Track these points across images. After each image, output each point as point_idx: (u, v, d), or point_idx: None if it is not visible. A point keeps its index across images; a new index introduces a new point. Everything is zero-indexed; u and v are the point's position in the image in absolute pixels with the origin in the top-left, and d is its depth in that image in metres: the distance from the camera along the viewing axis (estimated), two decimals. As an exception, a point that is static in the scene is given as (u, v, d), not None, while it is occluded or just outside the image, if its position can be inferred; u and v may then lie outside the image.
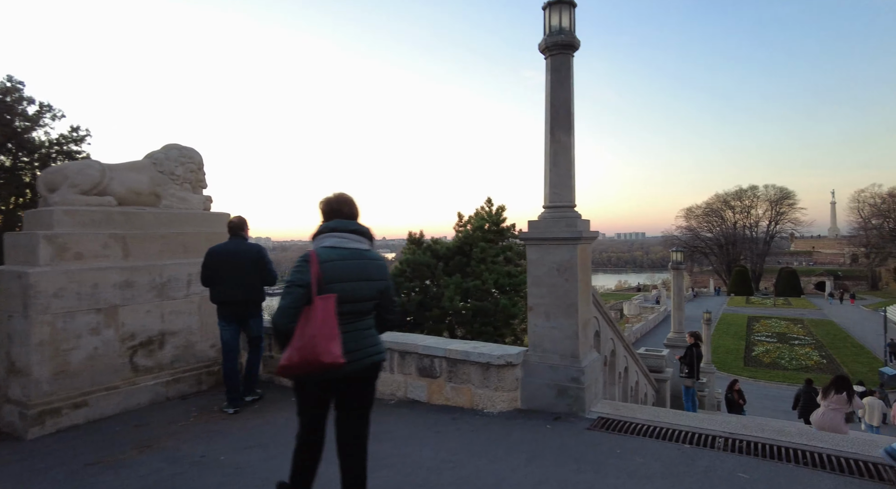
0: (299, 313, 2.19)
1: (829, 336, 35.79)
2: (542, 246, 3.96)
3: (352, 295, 2.32)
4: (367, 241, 2.49)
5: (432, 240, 12.55)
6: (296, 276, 2.28)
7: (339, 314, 2.23)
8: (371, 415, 2.51)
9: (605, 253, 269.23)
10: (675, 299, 9.93)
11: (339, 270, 2.31)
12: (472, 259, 11.62)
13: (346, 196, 2.57)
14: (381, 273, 2.47)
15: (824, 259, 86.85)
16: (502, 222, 13.05)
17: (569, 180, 3.98)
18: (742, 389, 12.74)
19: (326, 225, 2.45)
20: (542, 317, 3.95)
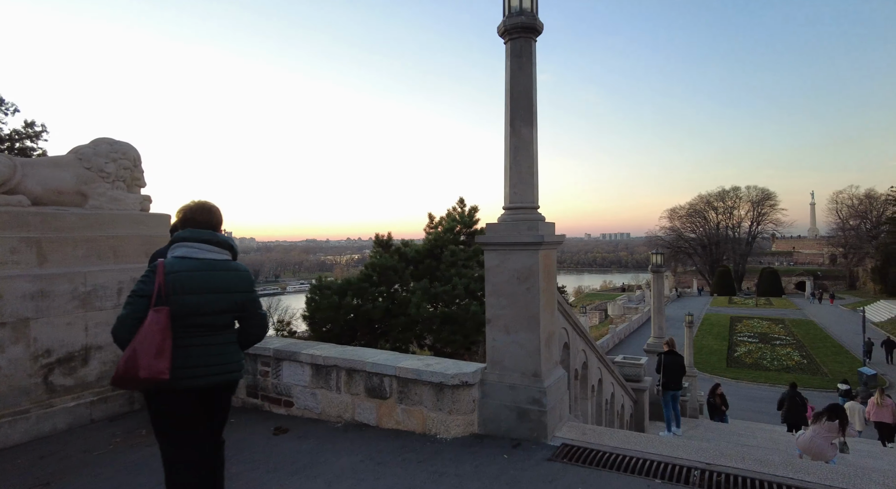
0: (139, 324, 2.14)
1: (810, 336, 36.10)
2: (501, 251, 3.55)
3: (200, 308, 2.24)
4: (226, 252, 2.42)
5: (402, 242, 12.01)
6: (139, 286, 2.23)
7: (185, 327, 2.20)
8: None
9: (591, 253, 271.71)
10: (655, 303, 9.59)
11: (185, 282, 2.23)
12: (441, 263, 11.10)
13: (205, 204, 2.49)
14: (239, 285, 2.39)
15: (804, 259, 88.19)
16: (475, 224, 12.60)
17: (531, 178, 3.58)
18: (724, 393, 12.50)
19: (179, 234, 2.38)
20: (501, 330, 3.55)
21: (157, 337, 2.11)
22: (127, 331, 2.15)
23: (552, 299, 3.67)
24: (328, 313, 10.35)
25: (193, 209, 2.47)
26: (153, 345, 2.10)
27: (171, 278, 2.21)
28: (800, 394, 10.40)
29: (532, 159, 3.58)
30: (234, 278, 2.39)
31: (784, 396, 10.76)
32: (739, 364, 28.79)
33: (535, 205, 3.60)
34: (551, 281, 3.66)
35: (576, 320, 4.47)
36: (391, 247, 11.75)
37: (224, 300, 2.32)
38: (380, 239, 12.29)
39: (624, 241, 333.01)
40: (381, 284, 11.14)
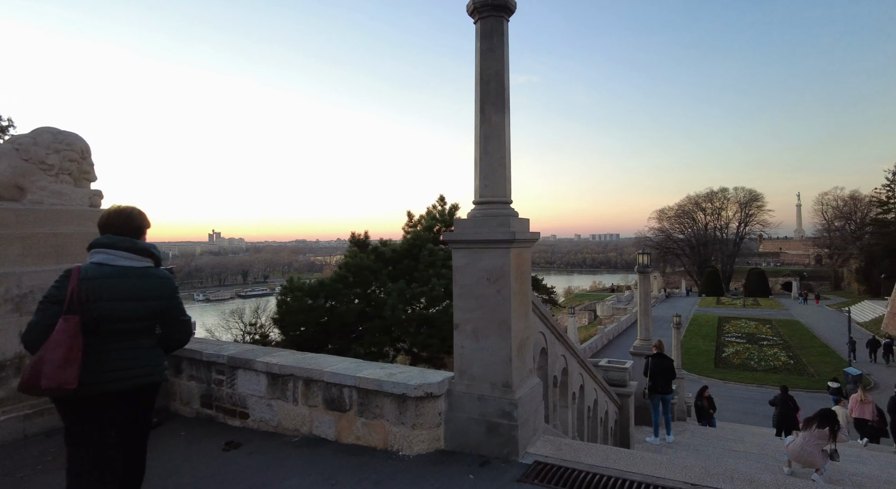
0: (49, 331, 2.12)
1: (796, 336, 36.28)
2: (469, 250, 3.24)
3: (115, 315, 2.24)
4: (146, 259, 2.42)
5: (381, 241, 11.56)
6: (51, 291, 2.22)
7: (100, 334, 2.21)
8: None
9: (581, 254, 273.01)
10: (642, 305, 9.33)
11: (100, 289, 2.22)
12: (420, 263, 10.70)
13: (123, 209, 2.48)
14: (158, 292, 2.40)
15: (790, 260, 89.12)
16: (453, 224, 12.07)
17: (502, 170, 3.27)
18: (712, 396, 12.31)
19: (97, 240, 2.37)
20: (469, 336, 3.24)
21: (65, 346, 2.09)
22: (36, 338, 2.15)
23: (526, 302, 3.37)
24: (299, 316, 9.93)
25: (111, 214, 2.45)
26: (59, 354, 2.07)
27: (85, 285, 2.21)
28: (791, 399, 10.20)
29: (504, 149, 3.27)
30: (153, 285, 2.39)
31: (776, 399, 10.54)
32: (727, 364, 28.78)
33: (507, 199, 3.29)
34: (525, 282, 3.35)
35: (554, 323, 4.17)
36: (368, 247, 11.26)
37: (141, 307, 2.33)
38: (356, 238, 11.76)
39: (613, 242, 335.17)
40: (356, 286, 10.71)
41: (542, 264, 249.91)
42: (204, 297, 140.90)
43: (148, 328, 2.40)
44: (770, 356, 30.03)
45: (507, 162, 3.31)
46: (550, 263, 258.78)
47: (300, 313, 10.12)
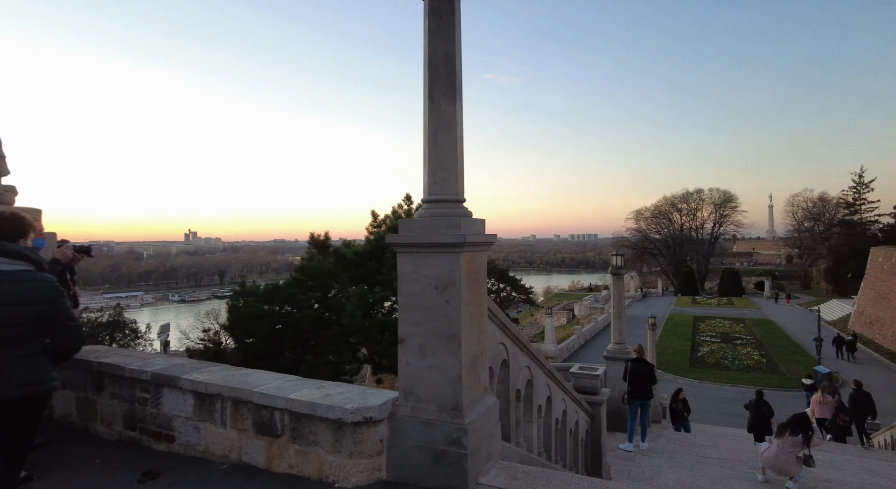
0: None
1: (769, 335, 36.95)
2: (415, 254, 2.87)
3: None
4: (20, 262, 2.29)
5: (343, 242, 11.00)
6: None
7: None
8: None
9: (560, 254, 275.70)
10: (616, 307, 9.09)
11: None
12: (383, 265, 10.19)
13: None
14: (34, 296, 2.27)
15: (763, 259, 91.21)
16: None
17: (454, 164, 2.91)
18: (687, 398, 12.20)
19: None
20: (415, 352, 2.87)
21: None
22: None
23: (480, 312, 3.01)
24: (250, 323, 9.35)
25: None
26: None
27: None
28: (766, 404, 10.10)
29: (455, 141, 2.91)
30: (27, 290, 2.26)
31: (750, 403, 10.41)
32: (702, 364, 29.06)
33: (458, 197, 2.93)
34: (479, 290, 3.00)
35: (516, 333, 3.83)
36: (328, 249, 10.66)
37: (13, 312, 2.20)
38: (315, 239, 10.96)
39: (592, 242, 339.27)
40: (314, 290, 10.17)
41: (521, 264, 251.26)
42: (179, 298, 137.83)
43: (26, 335, 2.27)
44: (744, 355, 30.46)
45: (460, 156, 2.95)
46: (530, 263, 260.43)
47: (251, 320, 9.57)
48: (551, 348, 30.36)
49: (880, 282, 36.84)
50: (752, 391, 23.90)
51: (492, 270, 42.15)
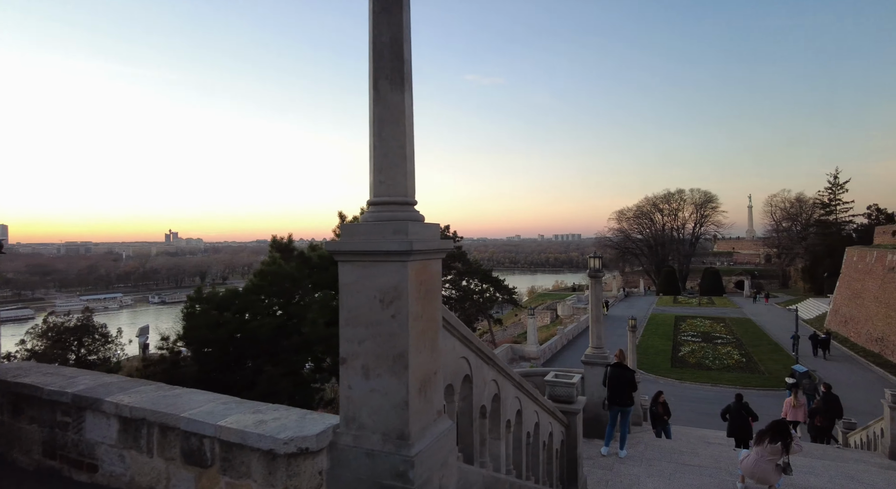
0: None
1: (748, 334, 37.36)
2: (358, 264, 2.55)
3: None
4: None
5: (310, 245, 10.53)
6: None
7: None
8: None
9: (544, 254, 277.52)
10: (593, 311, 8.85)
11: None
12: None
13: None
14: None
15: (743, 259, 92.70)
16: None
17: (402, 162, 2.60)
18: (667, 401, 12.06)
19: None
20: (358, 374, 2.55)
21: None
22: None
23: (432, 327, 2.71)
24: (204, 332, 8.84)
25: None
26: None
27: None
28: (746, 406, 9.96)
29: (404, 135, 2.60)
30: None
31: (729, 408, 10.22)
32: (683, 364, 29.19)
33: (407, 199, 2.62)
34: (431, 302, 2.69)
35: (480, 345, 3.54)
36: (292, 252, 10.20)
37: None
38: (277, 242, 10.45)
39: (575, 242, 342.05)
40: (275, 296, 9.75)
41: (506, 264, 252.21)
42: (160, 300, 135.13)
43: None
44: (724, 355, 30.69)
45: (409, 152, 2.64)
46: (515, 263, 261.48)
47: (206, 328, 8.95)
48: (534, 349, 30.24)
49: (855, 282, 37.53)
50: (732, 391, 24.14)
51: (475, 271, 41.92)
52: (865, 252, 37.39)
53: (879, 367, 27.68)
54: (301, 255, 10.11)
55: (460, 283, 41.72)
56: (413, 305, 2.50)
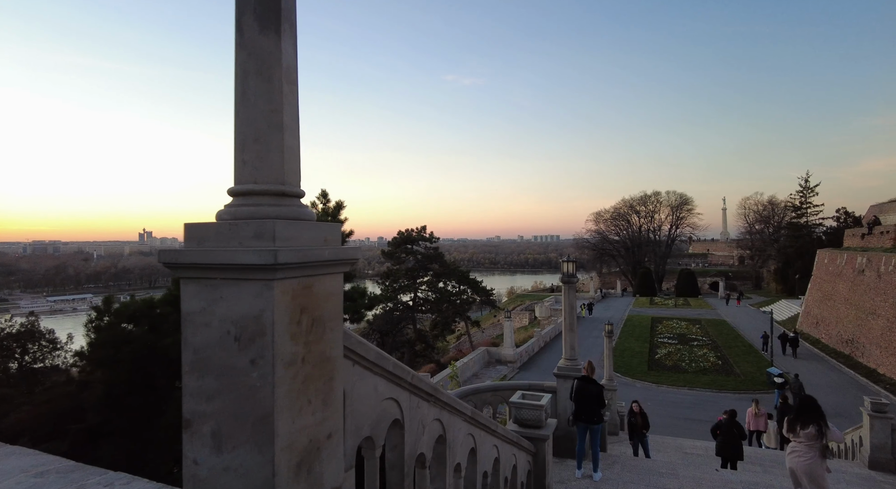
0: None
1: (723, 336, 37.46)
2: (205, 283, 1.74)
3: None
4: None
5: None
6: None
7: None
8: None
9: (524, 254, 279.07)
10: (567, 319, 8.13)
11: None
12: None
13: None
14: None
15: (717, 260, 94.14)
16: (339, 224, 9.42)
17: (276, 133, 1.80)
18: (645, 411, 11.47)
19: None
20: (206, 443, 1.74)
21: None
22: None
23: (324, 374, 1.91)
24: (108, 350, 7.68)
25: None
26: None
27: None
28: (738, 424, 9.31)
29: (280, 96, 1.80)
30: None
31: (720, 425, 9.46)
32: (660, 366, 28.94)
33: (282, 187, 1.81)
34: (322, 338, 1.89)
35: (416, 381, 2.76)
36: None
37: None
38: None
39: (554, 243, 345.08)
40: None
41: (486, 264, 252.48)
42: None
43: None
44: (700, 357, 30.57)
45: (288, 120, 1.84)
46: (494, 264, 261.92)
47: (110, 346, 7.65)
48: (510, 352, 29.64)
49: (825, 284, 37.97)
50: (709, 394, 24.02)
51: (452, 272, 41.17)
52: (836, 254, 37.85)
53: (850, 369, 27.85)
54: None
55: (437, 285, 40.94)
56: (284, 345, 1.69)
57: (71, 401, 8.38)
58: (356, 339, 2.26)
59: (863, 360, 28.78)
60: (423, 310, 40.99)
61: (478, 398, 7.69)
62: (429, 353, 38.94)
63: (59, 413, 8.42)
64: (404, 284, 39.53)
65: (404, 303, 39.60)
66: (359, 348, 2.29)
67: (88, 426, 7.66)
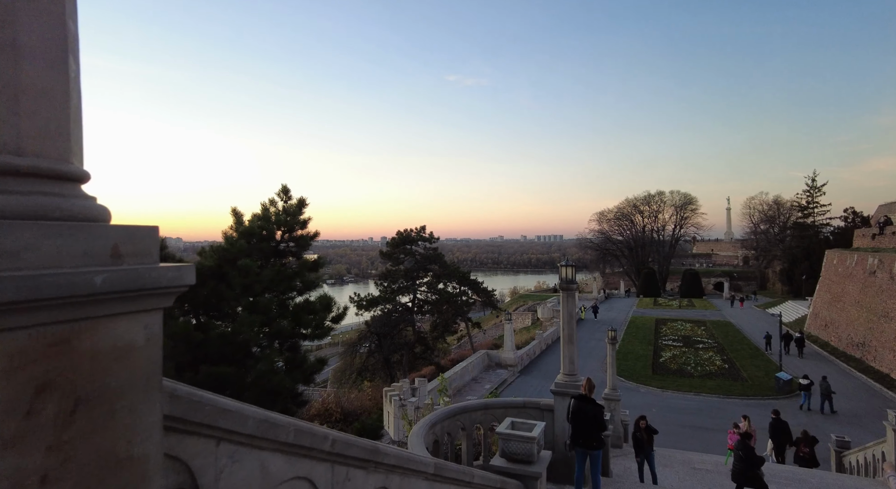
0: None
1: (729, 338, 36.54)
2: None
3: None
4: None
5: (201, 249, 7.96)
6: None
7: None
8: None
9: (527, 254, 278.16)
10: (566, 329, 7.24)
11: None
12: (229, 287, 7.09)
13: None
14: None
15: (721, 261, 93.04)
16: (302, 225, 8.41)
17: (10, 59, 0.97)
18: (652, 427, 10.63)
19: None
20: None
21: None
22: None
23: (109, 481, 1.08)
24: None
25: None
26: None
27: None
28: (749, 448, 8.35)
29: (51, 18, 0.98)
30: None
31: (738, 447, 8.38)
32: (665, 370, 28.06)
33: (11, 159, 0.99)
34: (98, 431, 1.08)
35: (339, 449, 1.92)
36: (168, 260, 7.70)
37: None
38: None
39: (557, 243, 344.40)
40: None
41: (489, 264, 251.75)
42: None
43: None
44: (706, 360, 29.67)
45: (29, 40, 1.01)
46: (497, 264, 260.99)
47: None
48: (511, 356, 28.81)
49: (834, 285, 36.98)
50: (716, 400, 23.10)
51: (452, 273, 40.24)
52: (846, 255, 36.86)
53: (862, 373, 26.92)
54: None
55: (437, 286, 40.03)
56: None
57: None
58: (217, 405, 1.45)
59: (874, 364, 27.83)
60: (423, 311, 40.14)
61: (466, 417, 6.88)
62: (428, 356, 38.08)
63: None
64: (403, 285, 38.67)
65: (403, 304, 38.76)
66: (223, 419, 1.47)
67: None
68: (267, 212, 8.32)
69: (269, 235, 8.09)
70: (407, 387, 16.69)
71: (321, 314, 7.49)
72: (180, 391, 1.33)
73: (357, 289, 48.10)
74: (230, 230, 7.59)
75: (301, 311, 7.58)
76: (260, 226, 7.99)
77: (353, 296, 38.04)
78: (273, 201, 8.04)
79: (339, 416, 18.22)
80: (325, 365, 11.19)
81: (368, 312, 37.19)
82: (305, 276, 8.06)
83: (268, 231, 8.06)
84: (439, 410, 7.00)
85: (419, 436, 5.19)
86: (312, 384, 38.64)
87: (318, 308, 7.65)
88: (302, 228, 8.42)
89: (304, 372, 7.10)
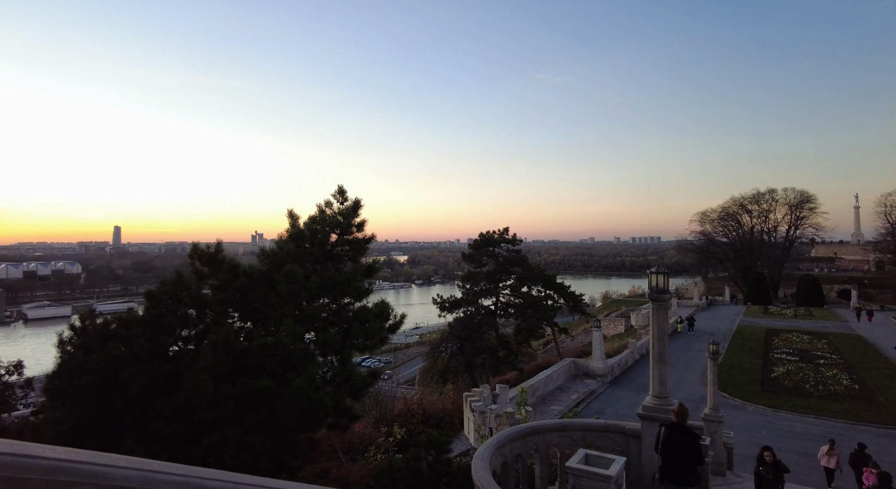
0: None
1: (858, 355, 31.95)
2: None
3: None
4: None
5: (262, 253, 7.89)
6: None
7: None
8: None
9: (620, 257, 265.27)
10: (655, 346, 6.44)
11: None
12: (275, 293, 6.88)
13: None
14: None
15: (847, 265, 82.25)
16: (357, 228, 8.04)
17: None
18: (781, 462, 9.15)
19: None
20: None
21: None
22: None
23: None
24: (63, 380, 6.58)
25: None
26: None
27: None
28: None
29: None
30: None
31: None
32: (777, 387, 25.09)
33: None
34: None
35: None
36: (221, 265, 7.28)
37: None
38: (201, 251, 7.41)
39: (654, 245, 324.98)
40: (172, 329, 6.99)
41: (578, 267, 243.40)
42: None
43: None
44: (829, 378, 26.07)
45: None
46: (587, 267, 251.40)
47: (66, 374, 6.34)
48: (599, 365, 27.36)
49: None
50: (842, 427, 20.11)
51: (536, 276, 39.19)
52: None
53: None
54: (234, 270, 7.28)
55: (521, 289, 39.18)
56: None
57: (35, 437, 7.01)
58: None
59: None
60: (507, 315, 39.52)
61: (539, 439, 6.40)
62: (511, 360, 37.40)
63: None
64: (485, 288, 38.34)
65: (485, 307, 38.45)
66: None
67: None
68: (323, 214, 8.19)
69: (323, 239, 7.95)
70: (488, 392, 16.38)
71: (374, 323, 7.26)
72: None
73: (443, 290, 48.65)
74: (285, 233, 7.97)
75: (352, 321, 7.50)
76: (313, 228, 7.86)
77: (435, 298, 38.53)
78: (329, 203, 7.98)
79: (421, 418, 18.55)
80: (378, 378, 10.92)
81: (451, 314, 37.39)
82: (358, 282, 7.85)
83: (322, 234, 7.92)
84: (508, 430, 6.60)
85: (484, 459, 4.86)
86: (395, 386, 38.97)
87: (372, 316, 7.42)
88: (359, 231, 8.35)
89: (351, 386, 6.90)
